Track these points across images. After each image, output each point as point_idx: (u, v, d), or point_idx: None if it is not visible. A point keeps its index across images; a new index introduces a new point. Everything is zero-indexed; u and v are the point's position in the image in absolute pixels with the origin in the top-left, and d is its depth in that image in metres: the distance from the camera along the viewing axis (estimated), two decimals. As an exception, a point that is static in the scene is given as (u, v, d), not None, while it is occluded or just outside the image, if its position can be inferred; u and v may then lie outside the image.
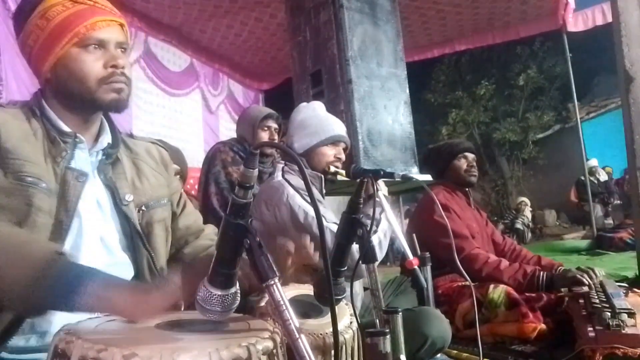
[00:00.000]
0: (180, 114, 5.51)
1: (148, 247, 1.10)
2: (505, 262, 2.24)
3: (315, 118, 1.92)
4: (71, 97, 1.03)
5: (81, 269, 0.82)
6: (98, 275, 0.82)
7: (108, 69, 1.02)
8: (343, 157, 1.90)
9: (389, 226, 1.60)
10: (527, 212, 10.41)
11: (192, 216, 1.29)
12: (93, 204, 1.04)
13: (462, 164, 2.56)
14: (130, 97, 1.08)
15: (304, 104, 2.03)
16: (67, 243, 0.97)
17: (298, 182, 1.74)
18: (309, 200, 1.67)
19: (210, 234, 1.30)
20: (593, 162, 9.74)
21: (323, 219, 1.62)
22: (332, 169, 1.85)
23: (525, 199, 10.89)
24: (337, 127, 1.92)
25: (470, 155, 2.60)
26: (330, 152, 1.86)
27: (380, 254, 1.51)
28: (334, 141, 1.87)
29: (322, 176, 1.86)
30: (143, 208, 1.12)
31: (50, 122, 1.03)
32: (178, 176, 2.29)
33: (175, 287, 0.82)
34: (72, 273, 0.79)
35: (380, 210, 1.46)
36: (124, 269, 1.05)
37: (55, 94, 1.05)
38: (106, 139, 1.11)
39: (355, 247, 1.07)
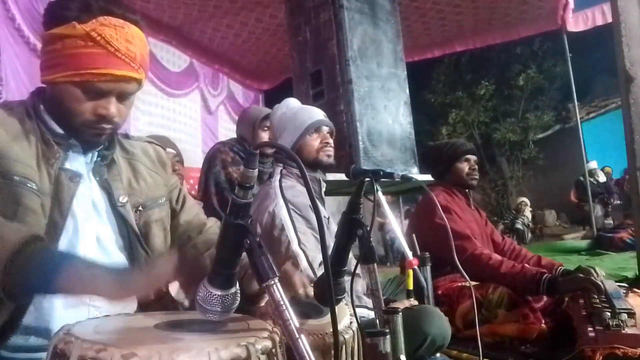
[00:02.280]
0: (179, 114, 5.52)
1: (145, 247, 1.10)
2: (507, 264, 2.16)
3: (289, 113, 1.87)
4: (57, 117, 1.03)
5: (58, 252, 0.83)
6: (76, 258, 0.83)
7: (96, 116, 1.00)
8: (331, 141, 1.85)
9: None
10: (527, 212, 10.41)
11: (192, 210, 1.29)
12: (89, 205, 1.04)
13: (464, 167, 2.51)
14: (114, 133, 1.09)
15: (277, 105, 1.97)
16: (62, 243, 0.97)
17: (293, 193, 1.71)
18: (300, 213, 1.65)
19: (213, 227, 1.29)
20: (592, 164, 9.74)
21: (294, 243, 1.59)
22: (325, 159, 1.81)
23: (525, 199, 10.88)
24: (314, 113, 1.86)
25: (473, 158, 2.55)
26: (315, 141, 1.81)
27: None
28: (315, 127, 1.82)
29: (321, 179, 1.83)
30: (140, 208, 1.12)
31: (45, 124, 1.03)
32: (177, 159, 2.26)
33: (159, 271, 0.81)
34: (48, 256, 0.80)
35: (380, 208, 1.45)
36: None
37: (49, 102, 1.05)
38: None
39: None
